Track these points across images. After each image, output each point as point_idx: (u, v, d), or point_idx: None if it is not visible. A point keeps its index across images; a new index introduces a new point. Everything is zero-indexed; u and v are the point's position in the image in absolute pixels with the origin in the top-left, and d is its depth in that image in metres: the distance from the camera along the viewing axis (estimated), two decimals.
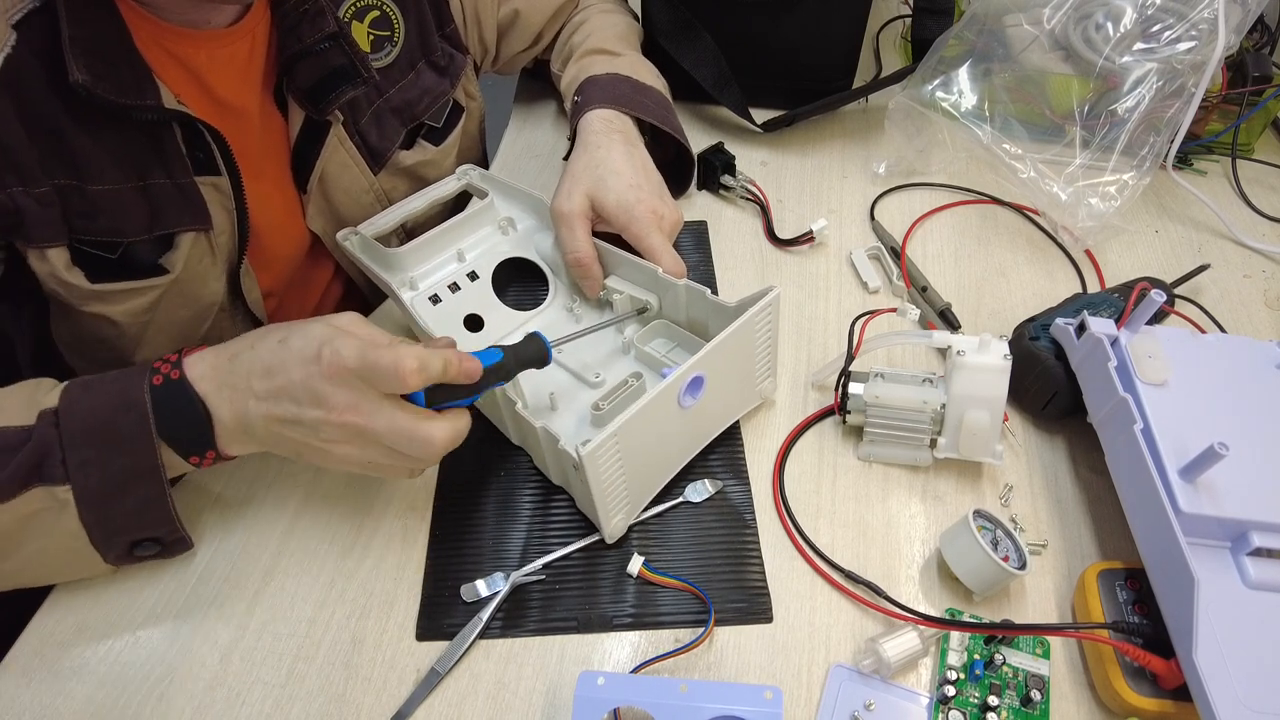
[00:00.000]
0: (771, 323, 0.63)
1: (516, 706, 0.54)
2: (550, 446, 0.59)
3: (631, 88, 0.82)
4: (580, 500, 0.62)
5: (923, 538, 0.62)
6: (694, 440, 0.65)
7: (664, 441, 0.60)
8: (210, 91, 0.66)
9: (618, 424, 0.53)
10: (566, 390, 0.68)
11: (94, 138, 0.59)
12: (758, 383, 0.67)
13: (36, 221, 0.58)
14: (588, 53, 0.87)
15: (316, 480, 0.65)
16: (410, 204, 0.78)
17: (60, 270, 0.61)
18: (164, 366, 0.54)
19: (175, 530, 0.57)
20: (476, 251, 0.75)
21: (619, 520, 0.59)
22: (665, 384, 0.56)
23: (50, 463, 0.51)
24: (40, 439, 0.52)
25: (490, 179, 0.79)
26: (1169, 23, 0.78)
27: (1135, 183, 0.79)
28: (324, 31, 0.68)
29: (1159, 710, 0.50)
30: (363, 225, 0.75)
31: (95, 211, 0.60)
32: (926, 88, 0.86)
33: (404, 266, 0.72)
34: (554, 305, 0.75)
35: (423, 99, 0.80)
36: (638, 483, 0.59)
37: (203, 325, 0.71)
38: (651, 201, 0.71)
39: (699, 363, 0.57)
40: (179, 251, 0.65)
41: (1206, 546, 0.54)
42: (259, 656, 0.56)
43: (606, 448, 0.53)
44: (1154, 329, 0.65)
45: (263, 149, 0.71)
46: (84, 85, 0.55)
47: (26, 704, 0.54)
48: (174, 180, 0.63)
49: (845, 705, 0.53)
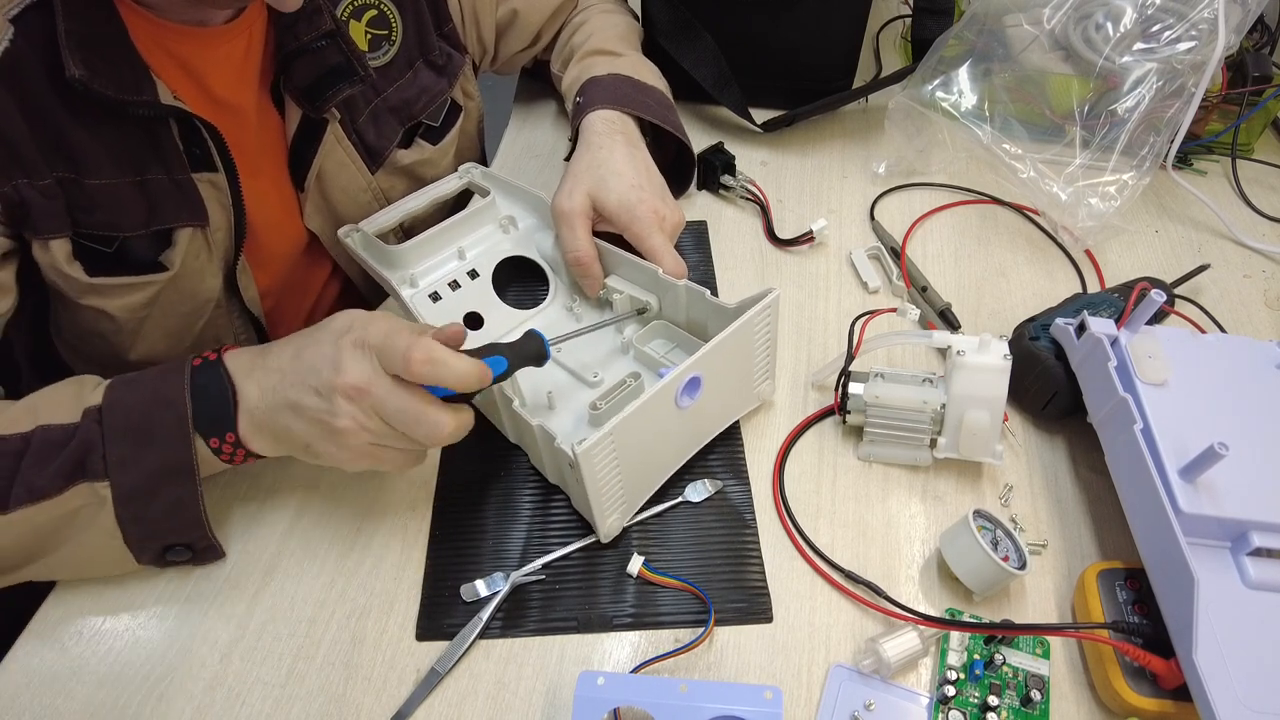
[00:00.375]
0: (770, 324, 0.63)
1: (516, 706, 0.54)
2: (547, 445, 0.59)
3: (633, 88, 0.82)
4: (576, 499, 0.62)
5: (923, 538, 0.62)
6: (691, 441, 0.64)
7: (661, 442, 0.60)
8: (207, 89, 0.66)
9: (613, 423, 0.53)
10: (565, 389, 0.68)
11: (91, 133, 0.59)
12: (756, 385, 0.67)
13: (42, 213, 0.59)
14: (589, 53, 0.87)
15: (317, 480, 0.65)
16: (411, 202, 0.78)
17: (61, 262, 0.61)
18: (209, 354, 0.57)
19: (205, 537, 0.57)
20: (477, 250, 0.75)
21: (614, 520, 0.59)
22: (662, 384, 0.56)
23: (93, 458, 0.53)
24: (84, 436, 0.53)
25: (492, 177, 0.80)
26: (1169, 23, 0.78)
27: (1135, 183, 0.79)
28: (320, 29, 0.68)
29: (1159, 710, 0.50)
30: (364, 222, 0.75)
31: (92, 206, 0.61)
32: (926, 88, 0.86)
33: (405, 264, 0.72)
34: (554, 304, 0.75)
35: (420, 98, 0.80)
36: (634, 483, 0.59)
37: (198, 322, 0.71)
38: (653, 202, 0.71)
39: (696, 363, 0.57)
40: (177, 248, 0.66)
41: (1206, 546, 0.54)
42: (259, 656, 0.56)
43: (602, 446, 0.53)
44: (1154, 329, 0.65)
45: (259, 147, 0.71)
46: (80, 80, 0.56)
47: (26, 704, 0.54)
48: (171, 176, 0.63)
49: (845, 705, 0.53)
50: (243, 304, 0.73)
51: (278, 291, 0.79)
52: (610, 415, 0.54)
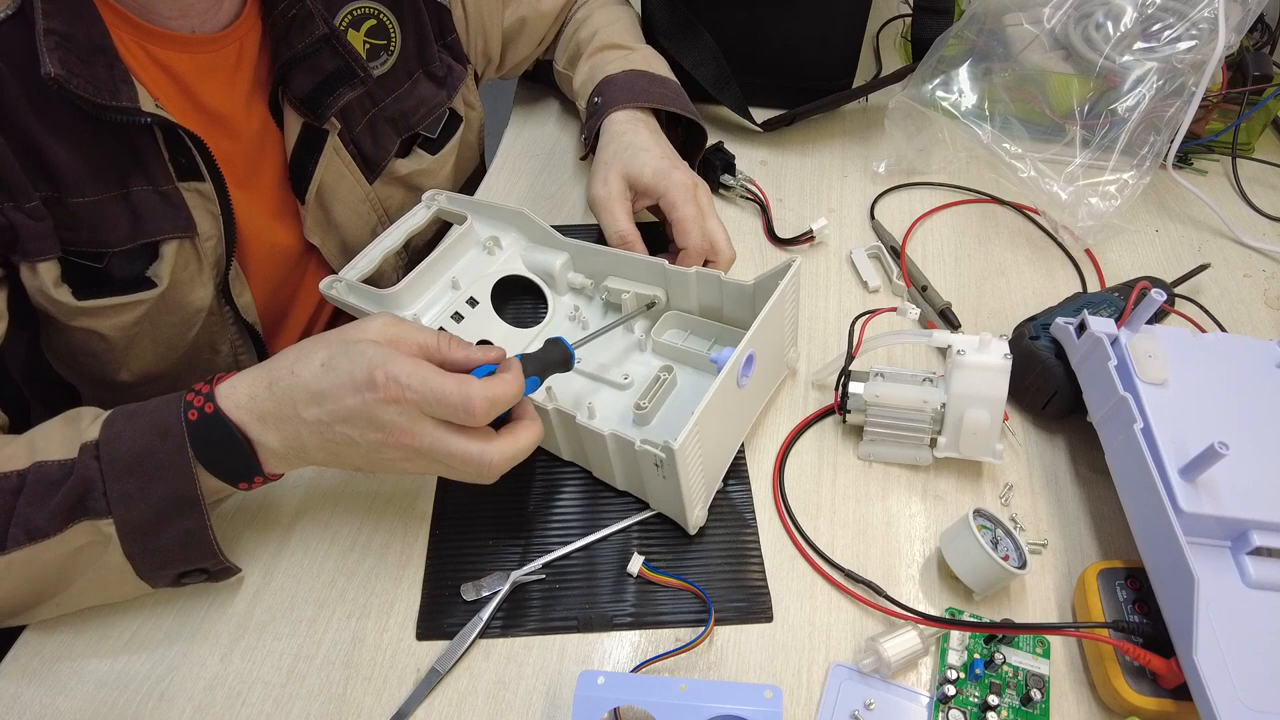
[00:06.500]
0: (795, 295, 0.66)
1: (516, 706, 0.54)
2: (623, 451, 0.59)
3: (649, 81, 0.82)
4: (657, 499, 0.62)
5: (923, 537, 0.62)
6: (746, 418, 0.67)
7: (727, 423, 0.62)
8: (194, 98, 0.65)
9: (698, 413, 0.54)
10: (593, 395, 0.68)
11: (70, 145, 0.58)
12: (785, 353, 0.69)
13: (30, 235, 0.58)
14: (600, 48, 0.86)
15: (317, 480, 0.65)
16: (386, 240, 0.75)
17: (49, 287, 0.60)
18: (196, 400, 0.51)
19: (219, 561, 0.54)
20: (469, 276, 0.74)
21: (700, 510, 0.60)
22: (729, 365, 0.58)
23: (93, 495, 0.50)
24: (82, 473, 0.50)
25: (460, 201, 0.78)
26: (1169, 22, 0.78)
27: (1135, 182, 0.79)
28: (314, 35, 0.67)
29: (1159, 709, 0.50)
30: (344, 271, 0.72)
31: (77, 224, 0.60)
32: (926, 87, 0.86)
33: (400, 304, 0.70)
34: (557, 316, 0.74)
35: (419, 109, 0.80)
36: (711, 468, 0.61)
37: (190, 331, 0.70)
38: (685, 174, 0.73)
39: (750, 340, 0.59)
40: (164, 262, 0.65)
41: (1206, 546, 0.54)
42: (259, 656, 0.56)
43: (693, 437, 0.54)
44: (1154, 328, 0.65)
45: (254, 158, 0.70)
46: (56, 80, 0.54)
47: (27, 704, 0.54)
48: (156, 187, 0.63)
49: (845, 704, 0.53)
50: (237, 312, 0.73)
51: (274, 299, 0.79)
52: (655, 412, 0.54)
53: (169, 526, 0.51)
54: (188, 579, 0.56)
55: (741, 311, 0.67)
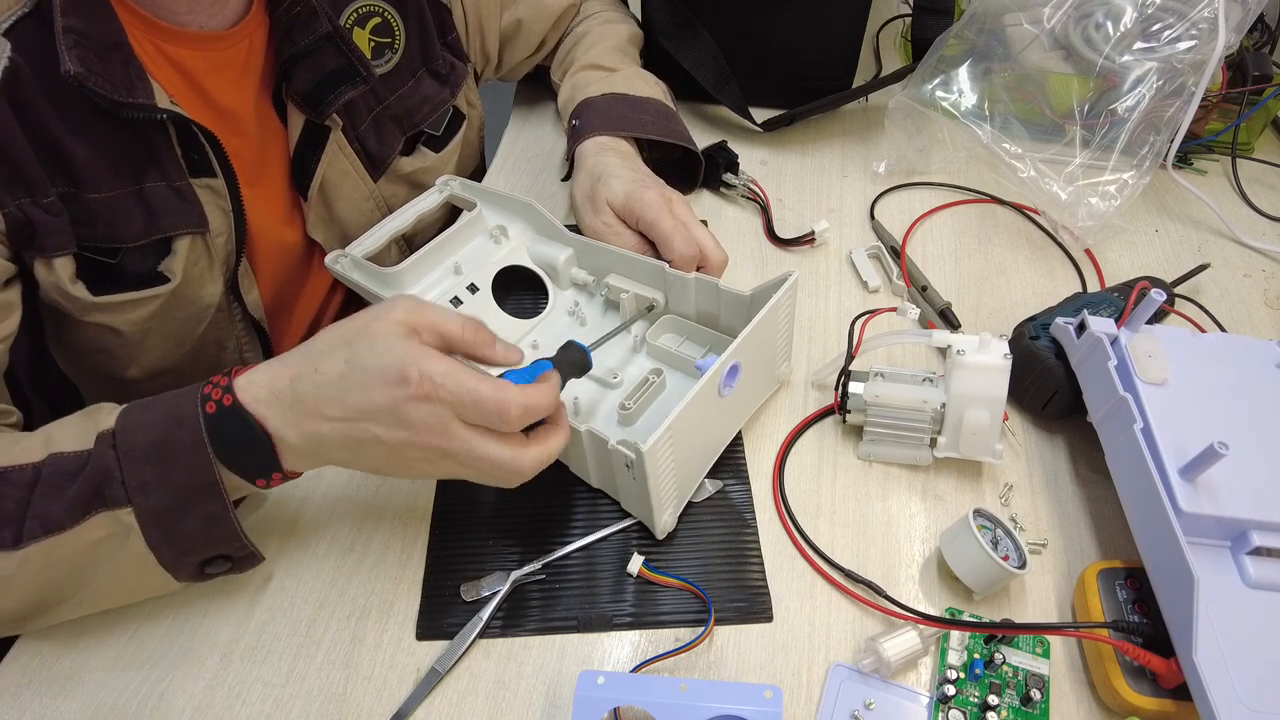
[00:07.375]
0: (790, 307, 0.65)
1: (516, 706, 0.54)
2: (597, 450, 0.59)
3: (628, 106, 0.82)
4: (628, 500, 0.62)
5: (923, 537, 0.62)
6: (727, 429, 0.66)
7: (705, 432, 0.61)
8: (205, 95, 0.66)
9: (672, 418, 0.53)
10: (585, 394, 0.68)
11: (87, 141, 0.59)
12: (777, 366, 0.68)
13: (47, 230, 0.58)
14: (583, 68, 0.88)
15: (317, 480, 0.65)
16: (395, 220, 0.77)
17: (64, 282, 0.60)
18: (214, 392, 0.50)
19: (244, 546, 0.53)
20: (473, 262, 0.75)
21: (669, 516, 0.60)
22: (709, 374, 0.57)
23: (111, 485, 0.49)
24: (98, 463, 0.50)
25: (473, 188, 0.79)
26: (1169, 22, 0.78)
27: (1135, 182, 0.79)
28: (317, 33, 0.68)
29: (1159, 709, 0.50)
30: (351, 246, 0.73)
31: (93, 219, 0.60)
32: (926, 87, 0.86)
33: (401, 284, 0.71)
34: (556, 310, 0.75)
35: (423, 107, 0.80)
36: (684, 476, 0.60)
37: (199, 327, 0.71)
38: (657, 189, 0.72)
39: (735, 351, 0.59)
40: (177, 257, 0.65)
41: (1206, 546, 0.54)
42: (259, 656, 0.56)
43: (664, 442, 0.54)
44: (1154, 328, 0.65)
45: (261, 154, 0.71)
46: (75, 76, 0.55)
47: (27, 704, 0.54)
48: (169, 183, 0.63)
49: (845, 704, 0.53)
50: (245, 309, 0.73)
51: (280, 297, 0.79)
52: (640, 413, 0.54)
53: (190, 513, 0.51)
54: (211, 568, 0.54)
55: (737, 320, 0.66)
